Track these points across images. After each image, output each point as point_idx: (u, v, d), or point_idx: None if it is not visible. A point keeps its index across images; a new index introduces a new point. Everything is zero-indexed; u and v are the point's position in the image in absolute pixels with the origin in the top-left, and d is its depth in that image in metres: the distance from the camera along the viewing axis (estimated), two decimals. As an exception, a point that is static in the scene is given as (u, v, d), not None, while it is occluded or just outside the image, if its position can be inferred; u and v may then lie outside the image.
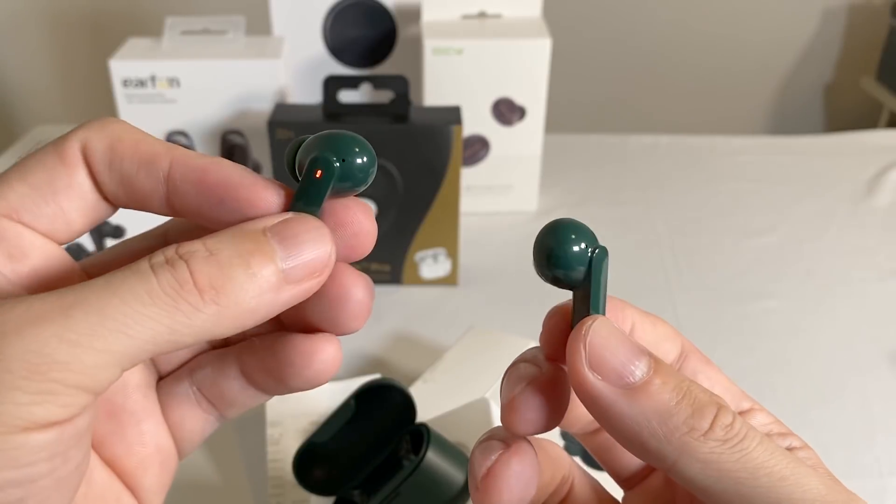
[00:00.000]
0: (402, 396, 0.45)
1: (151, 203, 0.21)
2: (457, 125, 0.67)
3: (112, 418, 0.23)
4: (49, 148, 0.21)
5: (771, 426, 0.23)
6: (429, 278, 0.73)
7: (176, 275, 0.18)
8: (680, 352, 0.24)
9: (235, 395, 0.24)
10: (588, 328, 0.21)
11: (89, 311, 0.17)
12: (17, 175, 0.20)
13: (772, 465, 0.20)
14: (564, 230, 0.22)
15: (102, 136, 0.21)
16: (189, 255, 0.19)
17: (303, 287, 0.20)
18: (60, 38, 1.61)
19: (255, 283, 0.19)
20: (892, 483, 0.54)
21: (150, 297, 0.18)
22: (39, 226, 0.21)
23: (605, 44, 1.67)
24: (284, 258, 0.19)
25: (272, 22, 0.82)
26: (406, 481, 0.40)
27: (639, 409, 0.20)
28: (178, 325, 0.18)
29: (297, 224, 0.20)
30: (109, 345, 0.17)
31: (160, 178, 0.21)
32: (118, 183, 0.21)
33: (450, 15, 0.82)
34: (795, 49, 1.71)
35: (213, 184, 0.21)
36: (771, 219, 0.85)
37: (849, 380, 0.63)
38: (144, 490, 0.23)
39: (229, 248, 0.19)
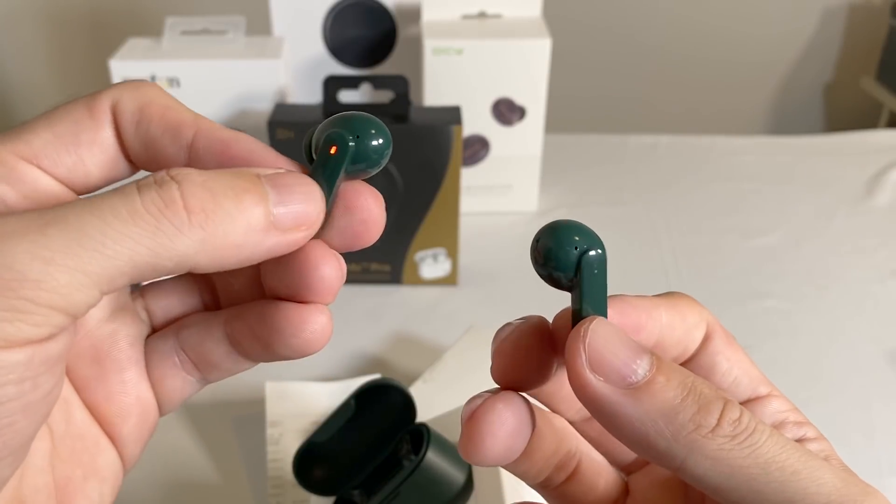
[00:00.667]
0: (402, 396, 0.45)
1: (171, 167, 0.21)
2: (457, 125, 0.67)
3: (96, 363, 0.23)
4: (80, 101, 0.21)
5: (787, 414, 0.23)
6: (429, 278, 0.73)
7: (162, 194, 0.18)
8: (703, 336, 0.24)
9: (219, 358, 0.23)
10: (586, 329, 0.20)
11: (66, 228, 0.17)
12: (43, 122, 0.21)
13: (783, 459, 0.19)
14: (559, 231, 0.22)
15: (134, 97, 0.21)
16: (182, 177, 0.18)
17: (288, 237, 0.20)
18: (60, 38, 1.61)
19: (244, 217, 0.19)
20: (892, 483, 0.54)
21: (132, 216, 0.17)
22: (58, 173, 0.21)
23: (605, 44, 1.67)
24: (276, 203, 0.19)
25: (272, 22, 0.82)
26: (406, 481, 0.40)
27: (643, 408, 0.20)
28: (160, 247, 0.18)
29: (290, 177, 0.20)
30: (85, 264, 0.17)
31: (183, 145, 0.21)
32: (142, 144, 0.21)
33: (450, 15, 0.82)
34: (795, 49, 1.71)
35: (235, 156, 0.21)
36: (771, 219, 0.85)
37: (849, 380, 0.63)
38: (122, 438, 0.23)
39: (224, 181, 0.19)
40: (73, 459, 0.22)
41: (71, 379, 0.23)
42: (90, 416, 0.23)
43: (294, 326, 0.22)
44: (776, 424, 0.23)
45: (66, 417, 0.22)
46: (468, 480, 0.42)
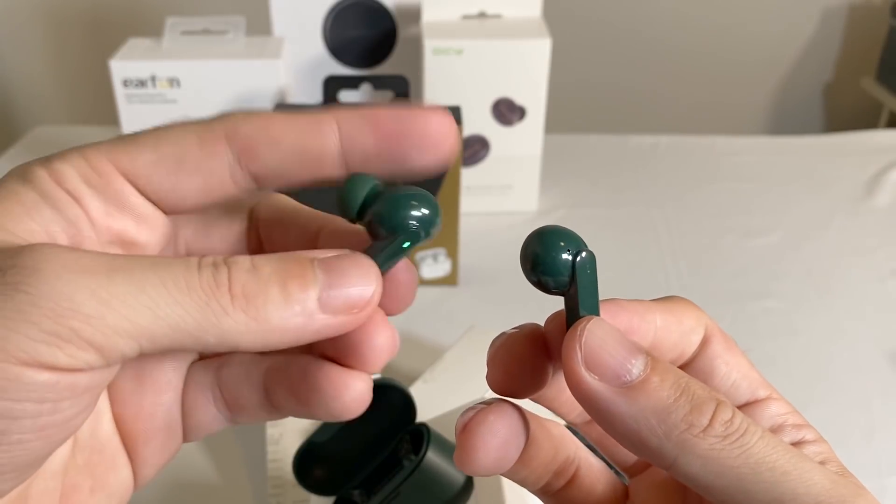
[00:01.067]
0: (402, 396, 0.45)
1: (325, 164, 0.21)
2: (457, 125, 0.67)
3: (136, 380, 0.23)
4: (191, 126, 0.21)
5: (786, 416, 0.23)
6: (429, 278, 0.73)
7: (216, 275, 0.19)
8: (702, 340, 0.24)
9: (250, 405, 0.24)
10: (583, 328, 0.21)
11: (129, 279, 0.18)
12: (151, 141, 0.21)
13: (774, 460, 0.20)
14: (548, 237, 0.22)
15: (251, 122, 0.21)
16: (233, 263, 0.19)
17: (339, 320, 0.20)
18: (61, 39, 1.61)
19: (286, 303, 0.19)
20: (891, 483, 0.54)
21: (188, 288, 0.18)
22: (151, 193, 0.21)
23: (605, 44, 1.67)
24: (325, 287, 0.20)
25: (272, 22, 0.82)
26: (406, 481, 0.40)
27: (637, 407, 0.20)
28: (206, 322, 0.18)
29: (347, 260, 0.20)
30: (136, 316, 0.18)
31: (332, 136, 0.21)
32: (284, 157, 0.21)
33: (450, 15, 0.82)
34: (795, 49, 1.71)
35: (387, 123, 0.21)
36: (771, 219, 0.85)
37: (849, 380, 0.63)
38: (141, 458, 0.23)
39: (272, 267, 0.19)
40: (86, 469, 0.22)
41: (110, 389, 0.23)
42: (115, 429, 0.23)
43: (336, 389, 0.22)
44: (775, 427, 0.23)
45: (93, 426, 0.22)
46: (468, 480, 0.42)
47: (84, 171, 0.20)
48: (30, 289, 0.17)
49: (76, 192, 0.20)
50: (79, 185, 0.20)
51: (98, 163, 0.20)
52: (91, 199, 0.20)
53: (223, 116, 0.21)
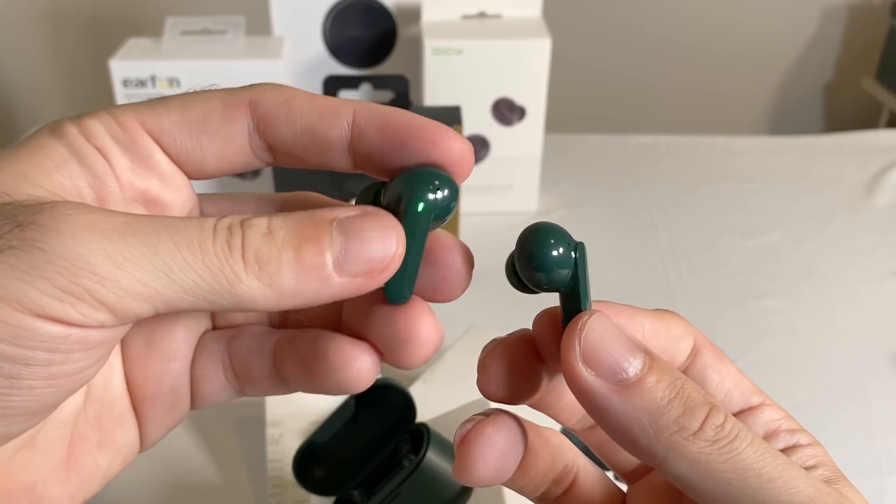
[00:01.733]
0: (402, 396, 0.45)
1: (333, 152, 0.22)
2: (457, 125, 0.67)
3: (147, 343, 0.23)
4: (218, 92, 0.22)
5: (780, 422, 0.23)
6: (429, 278, 0.73)
7: (230, 240, 0.19)
8: (692, 349, 0.24)
9: (260, 376, 0.24)
10: (584, 323, 0.21)
11: (144, 242, 0.18)
12: (177, 103, 0.21)
13: (760, 467, 0.20)
14: (544, 234, 0.22)
15: (276, 92, 0.22)
16: (248, 226, 0.19)
17: (357, 282, 0.20)
18: (60, 38, 1.61)
19: (299, 267, 0.19)
20: (891, 483, 0.54)
21: (202, 253, 0.18)
22: (173, 153, 0.22)
23: (604, 44, 1.67)
24: (343, 249, 0.19)
25: (272, 22, 0.82)
26: (406, 481, 0.40)
27: (630, 406, 0.20)
28: (219, 286, 0.18)
29: (367, 220, 0.20)
30: (149, 279, 0.18)
31: (345, 125, 0.21)
32: (297, 134, 0.21)
33: (450, 15, 0.82)
34: (795, 49, 1.71)
35: (397, 127, 0.21)
36: (771, 219, 0.85)
37: (849, 380, 0.63)
38: (147, 420, 0.23)
39: (288, 230, 0.19)
40: (96, 422, 0.22)
41: (122, 347, 0.23)
42: (125, 388, 0.23)
43: (343, 360, 0.22)
44: (769, 433, 0.23)
45: (105, 381, 0.23)
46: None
47: (112, 129, 0.21)
48: (46, 246, 0.17)
49: (104, 148, 0.21)
50: (106, 140, 0.21)
51: (126, 121, 0.21)
52: (117, 156, 0.21)
53: (252, 85, 0.22)
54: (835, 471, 0.22)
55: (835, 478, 0.22)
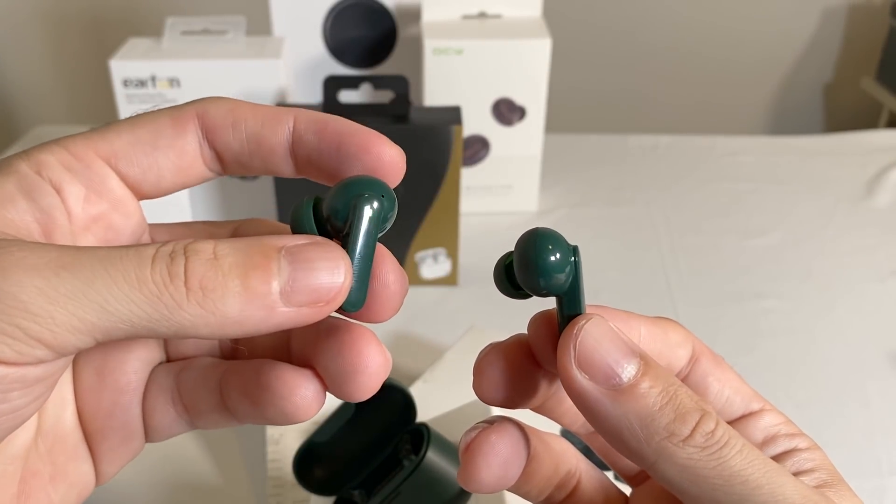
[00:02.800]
0: (402, 396, 0.45)
1: (275, 157, 0.22)
2: (457, 125, 0.67)
3: (98, 376, 0.23)
4: (165, 109, 0.22)
5: (780, 427, 0.24)
6: (429, 278, 0.73)
7: (171, 267, 0.18)
8: (690, 356, 0.24)
9: (207, 408, 0.23)
10: (580, 328, 0.21)
11: (78, 276, 0.18)
12: (127, 125, 0.22)
13: (748, 474, 0.20)
14: (543, 240, 0.22)
15: (221, 103, 0.22)
16: (193, 252, 0.19)
17: (303, 312, 0.19)
18: (61, 38, 1.61)
19: (245, 296, 0.19)
20: (892, 483, 0.54)
21: (138, 283, 0.18)
22: (130, 174, 0.22)
23: (605, 44, 1.67)
24: (290, 279, 0.19)
25: (272, 22, 0.82)
26: (406, 481, 0.40)
27: (622, 410, 0.21)
28: (157, 314, 0.18)
29: (315, 249, 0.20)
30: (84, 313, 0.18)
31: (286, 130, 0.22)
32: (242, 141, 0.22)
33: (450, 15, 0.82)
34: (795, 49, 1.71)
35: (332, 132, 0.22)
36: (771, 219, 0.85)
37: (849, 380, 0.63)
38: (100, 454, 0.23)
39: (235, 257, 0.19)
40: (48, 457, 0.22)
41: (74, 379, 0.23)
42: (77, 422, 0.23)
43: (286, 389, 0.22)
44: (768, 438, 0.24)
45: (57, 415, 0.22)
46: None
47: (64, 159, 0.21)
48: None
49: (55, 180, 0.21)
50: (59, 171, 0.21)
51: (77, 149, 0.21)
52: (70, 185, 0.21)
53: (196, 100, 0.22)
54: (832, 474, 0.22)
55: (831, 481, 0.22)
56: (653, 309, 0.71)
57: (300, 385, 0.22)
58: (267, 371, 0.22)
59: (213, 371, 0.23)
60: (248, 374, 0.23)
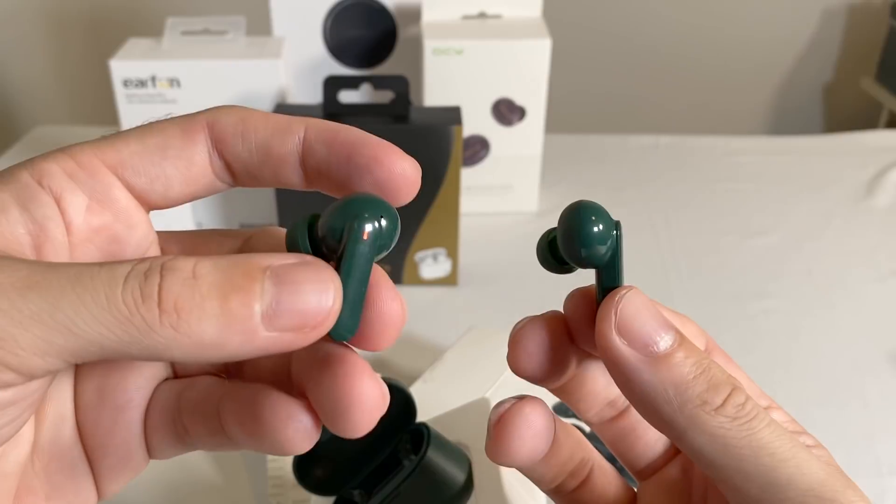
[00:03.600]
0: (402, 396, 0.45)
1: (285, 168, 0.22)
2: (457, 125, 0.67)
3: (98, 392, 0.22)
4: (175, 119, 0.22)
5: (785, 425, 0.24)
6: (429, 278, 0.73)
7: (144, 286, 0.17)
8: (704, 348, 0.25)
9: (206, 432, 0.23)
10: (622, 296, 0.22)
11: (45, 297, 0.17)
12: (136, 134, 0.21)
13: (776, 447, 0.21)
14: (588, 211, 0.23)
15: (231, 112, 0.22)
16: (169, 270, 0.18)
17: (286, 337, 0.18)
18: (60, 39, 1.61)
19: (224, 319, 0.17)
20: (892, 483, 0.54)
21: (108, 304, 0.17)
22: (137, 184, 0.21)
23: (605, 44, 1.67)
24: (273, 302, 0.18)
25: (272, 22, 0.82)
26: (406, 481, 0.40)
27: (658, 377, 0.21)
28: (128, 337, 0.17)
29: (303, 270, 0.18)
30: (51, 336, 0.17)
31: (296, 141, 0.21)
32: (252, 152, 0.22)
33: (450, 15, 0.82)
34: (795, 49, 1.71)
35: (343, 143, 0.21)
36: (771, 219, 0.85)
37: (849, 380, 0.63)
38: (100, 471, 0.23)
39: (215, 277, 0.18)
40: (43, 475, 0.22)
41: (75, 396, 0.22)
42: (78, 438, 0.22)
43: (277, 421, 0.21)
44: None
45: (55, 432, 0.22)
46: (468, 480, 0.42)
47: (68, 167, 0.21)
48: None
49: (56, 189, 0.20)
50: (61, 180, 0.20)
51: (83, 158, 0.21)
52: (72, 195, 0.21)
53: (207, 109, 0.22)
54: (837, 468, 0.23)
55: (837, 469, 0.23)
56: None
57: (291, 417, 0.21)
58: (261, 400, 0.21)
59: (213, 393, 0.23)
60: (244, 402, 0.22)
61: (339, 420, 0.21)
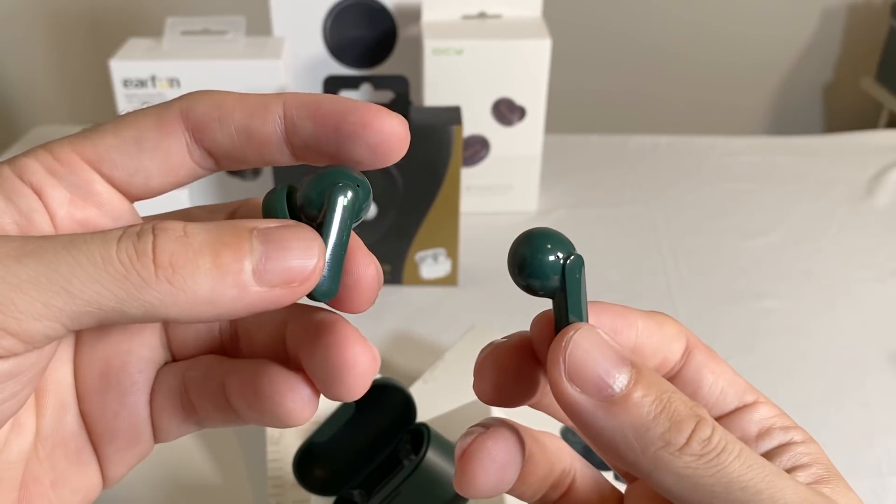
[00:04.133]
0: (402, 396, 0.45)
1: (270, 147, 0.21)
2: (457, 125, 0.67)
3: (102, 377, 0.23)
4: (150, 109, 0.21)
5: (774, 419, 0.23)
6: (429, 278, 0.73)
7: (137, 245, 0.18)
8: (685, 349, 0.24)
9: (213, 408, 0.23)
10: (569, 339, 0.21)
11: (41, 261, 0.17)
12: (112, 127, 0.21)
13: (747, 480, 0.20)
14: (537, 239, 0.22)
15: (205, 99, 0.21)
16: (161, 230, 0.18)
17: (275, 293, 0.19)
18: (60, 38, 1.61)
19: (216, 273, 0.18)
20: (892, 483, 0.54)
21: (104, 263, 0.17)
22: (116, 177, 0.21)
23: (605, 44, 1.67)
24: (262, 258, 0.19)
25: (272, 22, 0.82)
26: (406, 481, 0.40)
27: (616, 421, 0.20)
28: (126, 295, 0.18)
29: (288, 231, 0.19)
30: (49, 298, 0.17)
31: (276, 119, 0.21)
32: (232, 136, 0.21)
33: (450, 15, 0.82)
34: (795, 49, 1.71)
35: (327, 113, 0.21)
36: (771, 219, 0.85)
37: (849, 380, 0.63)
38: (106, 456, 0.23)
39: (206, 235, 0.18)
40: (48, 462, 0.22)
41: (77, 383, 0.23)
42: (82, 424, 0.23)
43: (277, 394, 0.21)
44: (763, 430, 0.23)
45: (58, 419, 0.22)
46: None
47: (48, 163, 0.21)
48: None
49: (38, 184, 0.20)
50: (42, 176, 0.20)
51: (62, 154, 0.21)
52: (53, 190, 0.21)
53: (182, 96, 0.22)
54: (828, 468, 0.22)
55: (828, 476, 0.22)
56: (652, 309, 0.71)
57: (291, 389, 0.22)
58: (261, 374, 0.22)
59: (216, 370, 0.23)
60: (245, 377, 0.22)
61: (333, 385, 0.21)
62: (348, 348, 0.21)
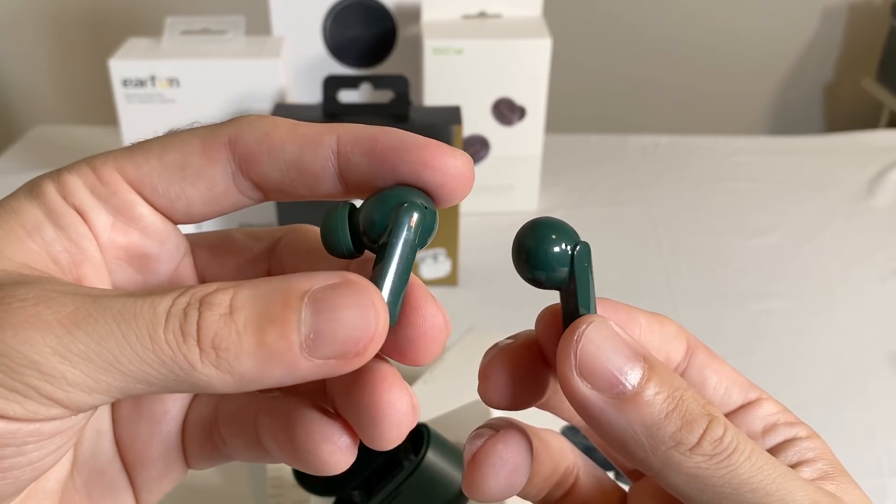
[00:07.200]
0: (402, 396, 0.45)
1: (322, 183, 0.20)
2: (457, 125, 0.67)
3: (136, 406, 0.22)
4: (198, 130, 0.20)
5: (778, 416, 0.23)
6: (429, 278, 0.73)
7: (184, 325, 0.17)
8: (686, 348, 0.24)
9: (242, 446, 0.23)
10: (581, 333, 0.20)
11: (92, 334, 0.17)
12: (157, 148, 0.20)
13: (757, 482, 0.19)
14: (542, 229, 0.21)
15: (255, 127, 0.20)
16: (207, 307, 0.17)
17: (329, 364, 0.18)
18: (60, 38, 1.61)
19: (261, 353, 0.17)
20: (892, 483, 0.54)
21: (153, 343, 0.17)
22: (158, 201, 0.20)
23: (605, 44, 1.67)
24: (313, 330, 0.17)
25: (272, 22, 0.82)
26: (406, 481, 0.40)
27: (626, 419, 0.20)
28: (173, 375, 0.17)
29: (344, 293, 0.18)
30: (98, 373, 0.17)
31: (329, 154, 0.20)
32: (282, 169, 0.20)
33: (450, 15, 0.82)
34: (795, 49, 1.71)
35: (384, 150, 0.20)
36: (771, 219, 0.85)
37: (849, 380, 0.63)
38: (139, 484, 0.23)
39: (251, 309, 0.17)
40: (84, 491, 0.22)
41: (112, 410, 0.22)
42: (117, 452, 0.22)
43: (312, 442, 0.21)
44: (768, 427, 0.23)
45: (94, 448, 0.22)
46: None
47: (91, 183, 0.20)
48: None
49: (82, 207, 0.20)
50: (85, 197, 0.20)
51: (105, 173, 0.20)
52: (97, 213, 0.20)
53: (231, 121, 0.21)
54: (834, 464, 0.22)
55: (833, 472, 0.22)
56: (652, 309, 0.71)
57: (327, 439, 0.21)
58: (297, 419, 0.21)
59: (250, 406, 0.22)
60: (279, 418, 0.21)
61: (366, 431, 0.20)
62: (384, 392, 0.20)
